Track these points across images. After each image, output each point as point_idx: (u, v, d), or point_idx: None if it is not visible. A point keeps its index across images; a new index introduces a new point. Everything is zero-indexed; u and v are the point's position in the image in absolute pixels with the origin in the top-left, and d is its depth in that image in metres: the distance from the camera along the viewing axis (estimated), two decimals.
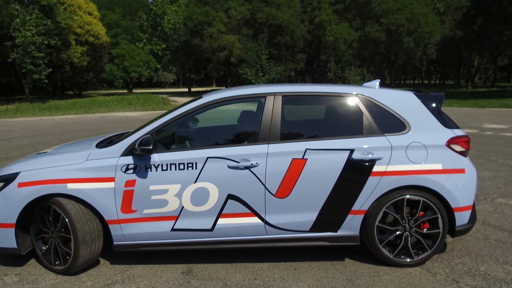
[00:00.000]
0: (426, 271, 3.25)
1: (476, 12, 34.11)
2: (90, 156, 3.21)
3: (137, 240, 3.21)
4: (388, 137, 3.22)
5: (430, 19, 27.69)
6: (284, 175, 3.13)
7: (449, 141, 3.25)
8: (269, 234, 3.23)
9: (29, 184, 3.13)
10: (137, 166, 3.13)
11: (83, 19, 36.54)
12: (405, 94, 3.41)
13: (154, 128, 3.24)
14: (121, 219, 3.15)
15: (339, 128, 3.46)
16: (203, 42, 35.52)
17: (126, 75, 49.14)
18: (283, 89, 3.39)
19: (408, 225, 3.26)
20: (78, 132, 12.75)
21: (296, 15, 37.29)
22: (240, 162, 3.12)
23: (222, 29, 34.92)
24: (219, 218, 3.18)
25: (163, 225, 3.18)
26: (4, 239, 3.19)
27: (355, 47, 29.82)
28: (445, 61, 49.02)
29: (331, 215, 3.22)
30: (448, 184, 3.19)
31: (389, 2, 27.43)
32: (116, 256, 3.59)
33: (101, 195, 3.10)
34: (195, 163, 3.12)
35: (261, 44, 35.21)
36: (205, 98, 3.38)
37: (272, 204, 3.16)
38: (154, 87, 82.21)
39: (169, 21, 45.33)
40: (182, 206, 3.15)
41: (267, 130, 3.21)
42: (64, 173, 3.13)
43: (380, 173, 3.14)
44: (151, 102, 27.82)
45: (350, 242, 3.28)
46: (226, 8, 36.57)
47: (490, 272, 3.23)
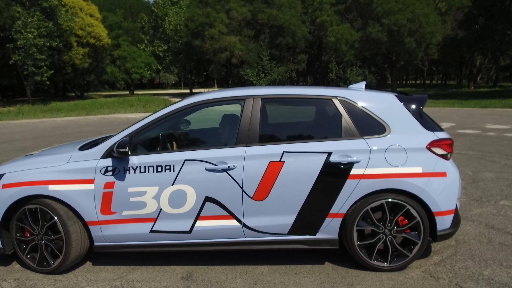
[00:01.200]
0: (429, 276, 3.21)
1: (478, 12, 34.01)
2: (72, 158, 3.26)
3: (117, 241, 3.25)
4: (367, 139, 3.18)
5: (432, 19, 27.59)
6: (261, 177, 3.12)
7: (430, 144, 3.20)
8: (247, 236, 3.23)
9: (12, 185, 3.20)
10: (116, 168, 3.16)
11: (85, 21, 36.65)
12: (386, 97, 3.38)
13: (133, 130, 3.27)
14: (100, 220, 3.19)
15: (317, 131, 3.47)
16: (204, 43, 35.56)
17: (128, 77, 49.24)
18: (263, 92, 3.39)
19: (387, 229, 3.22)
20: (79, 134, 12.75)
21: (297, 16, 37.29)
22: (218, 164, 3.12)
23: (223, 30, 34.94)
24: (197, 220, 3.18)
25: (142, 227, 3.20)
26: None
27: (356, 47, 29.76)
28: (447, 61, 48.92)
29: (309, 218, 3.19)
30: (428, 188, 3.13)
31: (390, 3, 27.35)
32: (116, 259, 3.56)
33: (81, 196, 3.15)
34: (173, 166, 3.13)
35: (262, 45, 35.22)
36: (186, 100, 3.40)
37: (249, 207, 3.15)
38: (156, 88, 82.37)
39: (170, 23, 45.38)
40: (160, 208, 3.16)
41: (246, 133, 3.21)
42: (45, 174, 3.19)
43: (358, 176, 3.10)
44: (152, 104, 27.84)
45: (329, 245, 3.25)
46: (227, 9, 36.59)
47: (494, 276, 3.18)
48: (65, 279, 3.25)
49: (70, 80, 40.81)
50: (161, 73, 73.18)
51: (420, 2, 27.92)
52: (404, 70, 40.01)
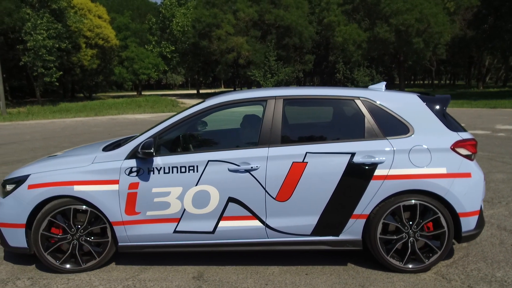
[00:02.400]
0: (441, 277, 3.19)
1: (487, 12, 33.68)
2: (96, 159, 3.30)
3: (141, 241, 3.27)
4: (391, 140, 3.17)
5: (440, 19, 27.37)
6: (284, 178, 3.12)
7: (454, 144, 3.18)
8: (270, 237, 3.23)
9: (38, 186, 3.23)
10: (140, 169, 3.19)
11: (93, 22, 36.99)
12: (409, 97, 3.37)
13: (157, 131, 3.29)
14: (125, 220, 3.21)
15: (340, 132, 3.45)
16: (211, 44, 35.64)
17: (135, 78, 49.57)
18: (285, 92, 3.39)
19: (411, 230, 3.20)
20: (88, 135, 12.86)
21: (304, 16, 37.21)
22: (241, 165, 3.13)
23: (230, 31, 35.00)
24: (220, 220, 3.20)
25: (165, 227, 3.22)
26: (15, 238, 3.30)
27: (364, 47, 29.63)
28: (456, 61, 48.49)
29: (333, 219, 3.19)
30: (452, 189, 3.11)
31: (398, 3, 27.19)
32: (128, 258, 3.59)
33: (105, 197, 3.18)
34: (196, 166, 3.15)
35: (269, 45, 35.21)
36: (208, 102, 3.42)
37: (272, 208, 3.16)
38: (163, 89, 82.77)
39: (177, 24, 45.60)
40: (184, 208, 3.18)
41: (268, 134, 3.22)
42: (70, 175, 3.23)
43: (382, 177, 3.09)
44: (160, 104, 27.98)
45: (352, 246, 3.24)
46: (234, 10, 36.66)
47: (507, 278, 3.15)
48: (78, 278, 3.29)
49: (78, 81, 41.19)
50: (168, 74, 73.52)
51: (428, 2, 27.71)
52: (412, 70, 39.79)
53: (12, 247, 3.34)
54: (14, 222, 3.26)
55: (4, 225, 3.31)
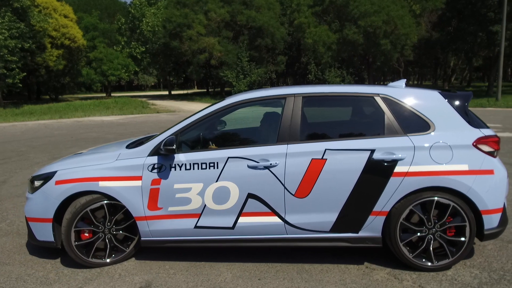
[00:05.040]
0: (393, 278, 3.19)
1: (451, 14, 34.86)
2: (120, 156, 3.38)
3: (163, 236, 3.34)
4: (411, 137, 3.16)
5: (407, 21, 28.13)
6: (303, 175, 3.14)
7: (476, 141, 3.16)
8: (289, 233, 3.25)
9: (65, 182, 3.33)
10: (162, 165, 3.26)
11: (59, 21, 35.77)
12: (429, 93, 3.35)
13: (179, 129, 3.36)
14: (147, 215, 3.29)
15: (360, 128, 3.44)
16: (183, 45, 35.16)
17: (104, 79, 48.33)
18: (304, 90, 3.41)
19: (434, 228, 3.19)
20: (50, 138, 12.36)
21: (276, 17, 37.32)
22: (260, 162, 3.17)
23: (201, 31, 34.65)
24: (240, 216, 3.24)
25: (186, 223, 3.28)
26: (42, 232, 3.40)
27: (334, 49, 30.03)
28: (422, 62, 49.98)
29: (352, 216, 3.19)
30: (475, 186, 3.09)
31: (366, 5, 27.73)
32: (72, 270, 3.40)
33: (129, 192, 3.26)
34: (217, 163, 3.21)
35: (242, 46, 35.08)
36: (227, 100, 3.47)
37: (291, 204, 3.18)
38: (134, 90, 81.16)
39: (147, 24, 44.74)
40: (205, 204, 3.24)
41: (287, 131, 3.25)
42: (96, 171, 3.32)
43: (402, 174, 3.08)
44: (129, 106, 27.36)
45: (372, 243, 3.24)
46: (205, 10, 36.30)
47: (457, 276, 3.18)
48: None
49: (44, 83, 39.70)
50: (140, 75, 72.17)
51: (395, 4, 28.41)
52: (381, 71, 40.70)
53: (40, 241, 3.44)
54: (42, 217, 3.36)
55: (32, 219, 3.42)
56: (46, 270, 3.45)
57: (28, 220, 3.47)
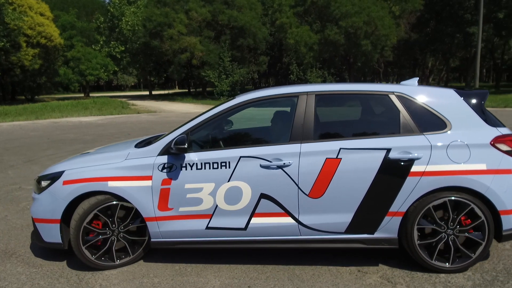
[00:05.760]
0: (387, 281, 3.11)
1: (429, 16, 35.60)
2: (129, 155, 3.30)
3: (173, 237, 3.26)
4: (427, 136, 3.09)
5: (387, 22, 28.53)
6: (318, 175, 3.06)
7: (494, 139, 3.09)
8: (302, 234, 3.18)
9: (73, 182, 3.23)
10: (173, 165, 3.18)
11: (34, 20, 34.71)
12: (445, 92, 3.30)
13: (189, 128, 3.28)
14: (158, 216, 3.20)
15: (374, 127, 3.36)
16: (163, 44, 34.68)
17: (82, 79, 47.21)
18: (316, 88, 3.34)
19: (449, 228, 3.12)
20: (25, 140, 11.88)
21: (258, 17, 37.27)
22: (273, 161, 3.10)
23: (182, 30, 34.25)
24: (252, 217, 3.16)
25: (198, 223, 3.20)
26: (50, 234, 3.30)
27: (315, 49, 30.17)
28: (401, 63, 50.88)
29: (367, 217, 3.11)
30: (493, 185, 3.02)
31: (347, 5, 27.98)
32: (51, 280, 3.18)
33: (139, 193, 3.17)
34: (228, 162, 3.13)
35: (223, 46, 34.86)
36: (238, 98, 3.39)
37: (305, 204, 3.11)
38: (114, 90, 79.70)
39: (127, 23, 43.95)
40: (216, 204, 3.16)
41: (300, 130, 3.17)
42: (104, 171, 3.23)
43: (419, 173, 3.01)
44: (108, 106, 26.73)
45: (388, 244, 3.17)
46: (186, 9, 35.93)
47: (451, 279, 3.13)
48: None
49: (19, 83, 38.44)
50: (119, 75, 70.90)
51: (375, 5, 28.78)
52: (362, 72, 41.17)
53: (47, 242, 3.34)
54: (49, 218, 3.26)
55: (39, 220, 3.32)
56: (21, 282, 3.22)
57: (35, 221, 3.36)
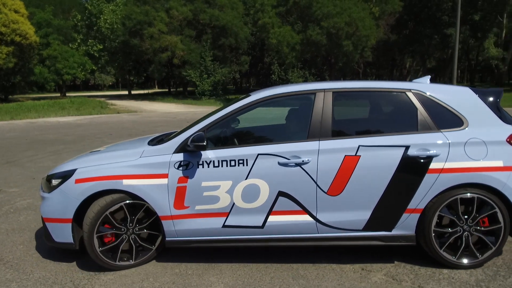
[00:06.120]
0: (392, 279, 3.09)
1: (408, 17, 36.36)
2: (144, 153, 3.24)
3: (189, 236, 3.21)
4: (445, 133, 3.13)
5: (367, 23, 28.94)
6: (337, 172, 3.06)
7: (510, 137, 3.14)
8: (320, 232, 3.17)
9: (86, 180, 3.16)
10: (189, 162, 3.14)
11: (8, 17, 33.44)
12: (461, 89, 3.35)
13: (205, 125, 3.25)
14: (174, 215, 3.15)
15: (392, 124, 3.37)
16: (143, 43, 34.08)
17: (59, 78, 45.81)
18: (334, 85, 3.35)
19: (466, 225, 3.15)
20: (1, 141, 11.40)
21: (240, 17, 37.12)
22: (291, 159, 3.08)
23: (163, 29, 33.75)
24: (269, 215, 3.14)
25: (214, 222, 3.16)
26: (61, 234, 3.22)
27: (298, 49, 30.30)
28: (380, 64, 51.83)
29: (386, 214, 3.13)
30: (510, 182, 3.05)
31: (329, 6, 28.22)
32: None
33: (155, 191, 3.12)
34: (246, 160, 3.10)
35: (205, 45, 34.55)
36: (254, 96, 3.36)
37: (324, 202, 3.10)
38: (91, 90, 77.91)
39: (105, 21, 42.96)
40: (233, 202, 3.12)
41: (318, 127, 3.17)
42: (119, 169, 3.17)
43: (438, 170, 3.04)
44: (87, 106, 26.06)
45: (405, 242, 3.19)
46: (167, 8, 35.41)
47: (454, 274, 3.14)
48: None
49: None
50: (97, 74, 69.34)
51: (356, 6, 29.15)
52: (342, 72, 41.64)
53: (58, 242, 3.27)
54: (61, 217, 3.19)
55: (50, 220, 3.24)
56: None
57: (45, 220, 3.29)
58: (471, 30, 33.79)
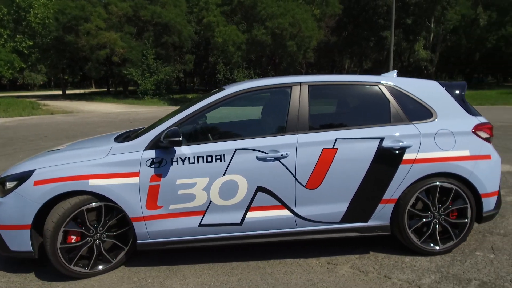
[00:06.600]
0: (358, 271, 3.10)
1: (347, 20, 37.99)
2: (112, 150, 3.04)
3: (163, 237, 3.06)
4: (416, 124, 3.24)
5: (310, 25, 29.71)
6: (315, 165, 3.07)
7: (475, 127, 3.30)
8: (299, 226, 3.17)
9: (47, 181, 2.91)
10: (162, 159, 2.99)
11: None
12: (429, 83, 3.47)
13: (178, 120, 3.12)
14: (146, 216, 3.00)
15: (366, 117, 3.39)
16: (79, 39, 32.08)
17: None
18: (309, 79, 3.35)
19: (437, 212, 3.28)
20: None
21: (183, 14, 36.36)
22: (269, 153, 3.04)
23: (101, 25, 32.02)
24: (248, 211, 3.09)
25: (190, 221, 3.05)
26: (18, 242, 2.94)
27: (243, 49, 30.31)
28: (321, 65, 53.62)
29: (362, 205, 3.19)
30: (476, 170, 3.21)
31: (273, 7, 28.54)
32: None
33: (125, 191, 2.94)
34: (223, 155, 3.02)
35: (147, 43, 33.34)
36: (229, 89, 3.27)
37: (302, 196, 3.10)
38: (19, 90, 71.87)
39: (36, 15, 39.83)
40: (210, 200, 3.04)
41: (295, 120, 3.16)
42: (84, 168, 2.95)
43: (411, 161, 3.14)
44: (16, 107, 23.89)
45: (381, 232, 3.26)
46: (105, 3, 33.69)
47: (415, 262, 3.22)
48: None
49: None
50: (26, 73, 64.19)
51: (299, 8, 29.79)
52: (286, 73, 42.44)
53: (14, 251, 2.98)
54: (17, 223, 2.91)
55: (4, 227, 2.95)
56: None
57: None
58: (404, 33, 36.14)
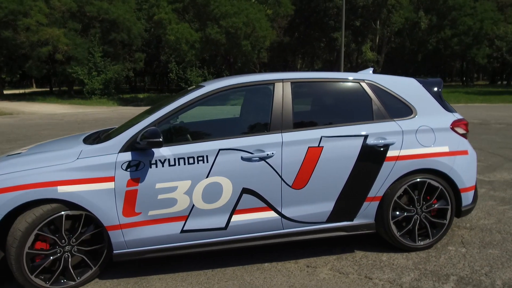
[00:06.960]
0: (338, 273, 3.03)
1: (299, 21, 38.65)
2: (82, 153, 2.81)
3: (142, 246, 2.87)
4: (398, 121, 3.25)
5: (264, 25, 29.79)
6: (301, 164, 3.00)
7: (453, 124, 3.36)
8: (285, 228, 3.09)
9: (9, 189, 2.64)
10: (140, 162, 2.80)
11: None
12: (407, 80, 3.48)
13: (156, 119, 2.92)
14: (122, 224, 2.79)
15: (349, 114, 3.34)
16: (18, 35, 29.80)
17: None
18: (291, 76, 3.28)
19: (420, 208, 3.31)
20: None
21: (132, 11, 35.03)
22: (254, 153, 2.93)
23: (42, 20, 29.95)
24: (233, 215, 2.96)
25: (171, 227, 2.88)
26: None
27: (197, 48, 29.74)
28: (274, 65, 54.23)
29: (348, 204, 3.16)
30: (455, 166, 3.27)
31: (226, 6, 28.26)
32: None
33: (98, 197, 2.72)
34: (206, 156, 2.86)
35: (93, 40, 31.72)
36: (209, 86, 3.12)
37: (288, 196, 3.02)
38: None
39: None
40: (193, 204, 2.88)
41: (279, 118, 3.06)
42: (52, 174, 2.70)
43: (394, 158, 3.15)
44: None
45: (366, 230, 3.25)
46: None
47: (393, 261, 3.21)
48: None
49: None
50: None
51: (252, 7, 29.78)
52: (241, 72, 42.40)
53: None
54: None
55: None
56: None
57: None
58: (353, 35, 37.46)
